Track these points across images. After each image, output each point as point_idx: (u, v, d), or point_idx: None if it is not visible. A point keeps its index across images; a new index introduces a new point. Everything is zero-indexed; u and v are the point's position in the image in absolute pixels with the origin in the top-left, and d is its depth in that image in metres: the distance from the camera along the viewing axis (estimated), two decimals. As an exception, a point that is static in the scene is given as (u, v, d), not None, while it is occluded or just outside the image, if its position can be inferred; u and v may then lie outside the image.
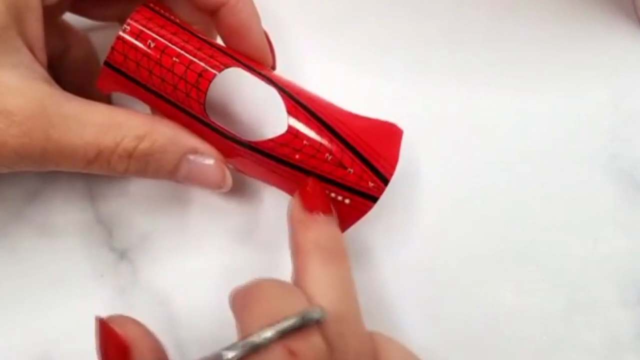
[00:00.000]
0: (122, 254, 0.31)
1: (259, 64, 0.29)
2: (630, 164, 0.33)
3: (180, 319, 0.31)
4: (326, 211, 0.26)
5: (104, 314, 0.31)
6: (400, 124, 0.29)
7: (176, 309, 0.31)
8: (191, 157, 0.27)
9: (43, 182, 0.32)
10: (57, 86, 0.26)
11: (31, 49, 0.25)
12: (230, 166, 0.29)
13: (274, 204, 0.32)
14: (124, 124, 0.26)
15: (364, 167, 0.27)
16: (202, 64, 0.26)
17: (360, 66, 0.34)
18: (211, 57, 0.27)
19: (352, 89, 0.32)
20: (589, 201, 0.33)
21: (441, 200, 0.33)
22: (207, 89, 0.26)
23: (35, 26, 0.25)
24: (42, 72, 0.26)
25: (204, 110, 0.26)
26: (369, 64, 0.34)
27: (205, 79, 0.26)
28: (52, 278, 0.31)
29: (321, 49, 0.34)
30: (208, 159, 0.27)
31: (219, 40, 0.29)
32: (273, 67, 0.30)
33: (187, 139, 0.27)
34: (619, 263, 0.32)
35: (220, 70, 0.26)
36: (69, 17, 0.31)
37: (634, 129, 0.33)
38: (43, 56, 0.26)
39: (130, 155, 0.26)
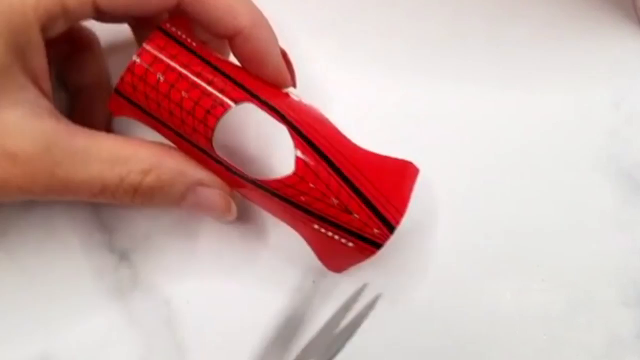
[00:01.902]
0: (122, 255, 0.31)
1: (276, 89, 0.28)
2: (630, 164, 0.33)
3: (180, 320, 0.31)
4: None
5: (104, 316, 0.31)
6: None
7: (176, 309, 0.31)
8: (195, 193, 0.27)
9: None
10: (63, 120, 0.26)
11: (36, 82, 0.25)
12: (237, 194, 0.29)
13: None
14: (130, 157, 0.26)
15: (370, 213, 0.26)
16: (211, 99, 0.26)
17: (365, 68, 0.34)
18: (222, 91, 0.26)
19: (357, 91, 0.32)
20: (589, 201, 0.33)
21: (440, 200, 0.32)
22: (214, 126, 0.26)
23: (38, 60, 0.25)
24: (48, 105, 0.26)
25: (211, 145, 0.26)
26: (373, 66, 0.34)
27: (213, 115, 0.26)
28: (52, 279, 0.31)
29: (326, 52, 0.34)
30: (213, 194, 0.27)
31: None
32: (293, 85, 0.29)
33: (194, 172, 0.27)
34: (619, 263, 0.32)
35: (229, 107, 0.26)
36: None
37: (634, 129, 0.33)
38: (48, 87, 0.26)
39: (135, 189, 0.26)
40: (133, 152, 0.26)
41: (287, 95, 0.28)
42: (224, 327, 0.31)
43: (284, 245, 0.32)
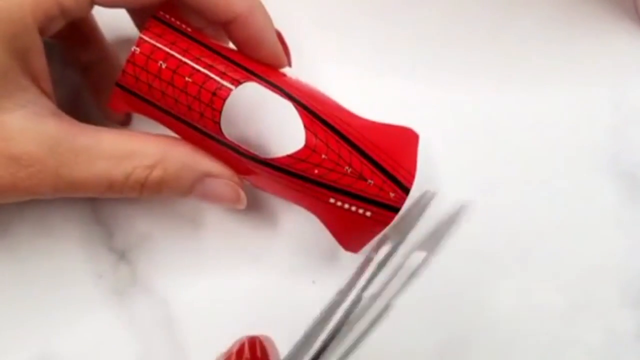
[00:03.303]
0: (122, 255, 0.31)
1: (274, 70, 0.28)
2: (631, 163, 0.33)
3: (179, 319, 0.31)
4: None
5: (103, 315, 0.31)
6: (409, 121, 0.29)
7: (175, 309, 0.31)
8: (203, 184, 0.27)
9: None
10: (66, 118, 0.26)
11: (37, 83, 0.25)
12: (247, 182, 0.28)
13: (274, 200, 0.32)
14: (136, 153, 0.26)
15: (384, 177, 0.27)
16: (215, 82, 0.26)
17: (371, 66, 0.34)
18: (224, 73, 0.26)
19: (363, 89, 0.32)
20: (589, 200, 0.33)
21: (440, 200, 0.32)
22: (221, 108, 0.26)
23: (38, 60, 0.25)
24: (50, 105, 0.26)
25: (220, 128, 0.26)
26: (379, 64, 0.34)
27: (219, 97, 0.26)
28: (51, 278, 0.31)
29: (331, 50, 0.34)
30: (221, 184, 0.27)
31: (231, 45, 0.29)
32: (289, 65, 0.29)
33: (201, 163, 0.27)
34: (619, 263, 0.32)
35: (233, 88, 0.26)
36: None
37: (635, 127, 0.33)
38: (49, 87, 0.26)
39: (142, 185, 0.26)
40: (138, 148, 0.26)
41: (284, 74, 0.29)
42: (223, 327, 0.31)
43: (284, 245, 0.32)
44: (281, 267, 0.31)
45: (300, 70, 0.30)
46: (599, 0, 0.34)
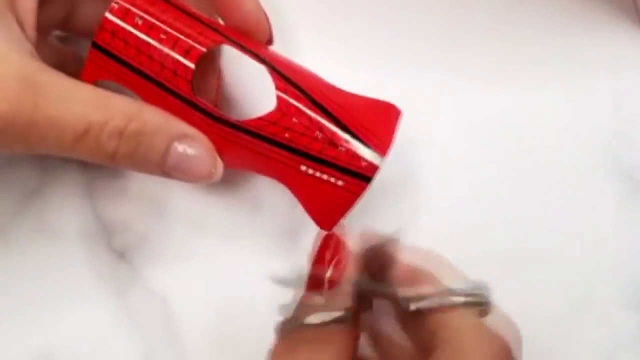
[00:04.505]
0: (121, 254, 0.31)
1: (253, 41, 0.28)
2: (631, 165, 0.33)
3: (179, 319, 0.31)
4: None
5: (103, 315, 0.31)
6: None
7: (175, 309, 0.31)
8: (180, 146, 0.26)
9: (42, 181, 0.31)
10: (44, 64, 0.25)
11: (21, 25, 0.25)
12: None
13: (275, 203, 0.32)
14: (113, 103, 0.25)
15: (356, 145, 0.26)
16: (190, 40, 0.26)
17: (365, 64, 0.34)
18: (200, 34, 0.26)
19: (364, 89, 0.32)
20: (589, 201, 0.33)
21: (440, 200, 0.32)
22: (195, 65, 0.26)
23: (26, 4, 0.25)
24: (31, 48, 0.25)
25: (192, 89, 0.26)
26: (373, 62, 0.34)
27: (193, 55, 0.26)
28: (50, 278, 0.31)
29: (331, 50, 0.34)
30: (197, 147, 0.26)
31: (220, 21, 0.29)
32: (270, 42, 0.29)
33: (177, 124, 0.26)
34: (620, 263, 0.32)
35: (208, 47, 0.26)
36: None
37: (635, 129, 0.33)
38: (33, 34, 0.26)
39: (121, 133, 0.25)
40: (116, 99, 0.25)
41: (265, 46, 0.29)
42: (223, 326, 0.31)
43: (284, 245, 0.32)
44: (282, 266, 0.31)
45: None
46: (600, 2, 0.35)
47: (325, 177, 0.26)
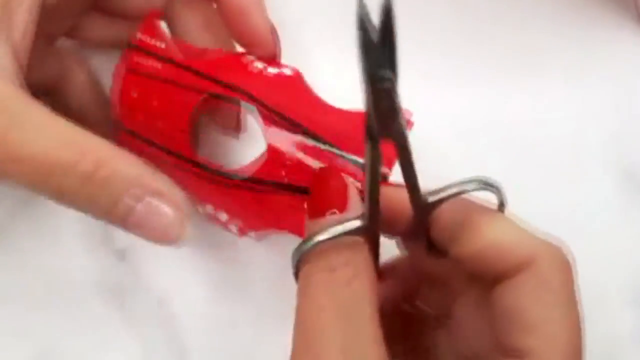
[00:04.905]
0: (122, 255, 0.31)
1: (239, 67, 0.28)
2: (633, 165, 0.33)
3: (180, 319, 0.31)
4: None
5: (103, 315, 0.31)
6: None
7: (176, 309, 0.31)
8: (144, 204, 0.23)
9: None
10: (26, 91, 0.24)
11: (15, 56, 0.24)
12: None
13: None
14: (89, 144, 0.23)
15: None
16: (182, 95, 0.27)
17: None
18: (192, 85, 0.27)
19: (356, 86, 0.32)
20: (590, 201, 0.33)
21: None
22: (191, 121, 0.27)
23: (22, 19, 0.24)
24: (16, 73, 0.24)
25: (190, 148, 0.27)
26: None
27: (186, 110, 0.27)
28: (51, 278, 0.31)
29: (331, 50, 0.33)
30: (166, 207, 0.24)
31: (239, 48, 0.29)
32: (276, 55, 0.29)
33: (151, 179, 0.24)
34: (620, 263, 0.32)
35: (195, 103, 0.27)
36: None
37: (636, 129, 0.33)
38: (24, 60, 0.25)
39: (89, 176, 0.23)
40: (91, 141, 0.23)
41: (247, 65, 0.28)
42: (223, 327, 0.31)
43: (283, 245, 0.32)
44: (282, 265, 0.31)
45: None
46: (601, 3, 0.34)
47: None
